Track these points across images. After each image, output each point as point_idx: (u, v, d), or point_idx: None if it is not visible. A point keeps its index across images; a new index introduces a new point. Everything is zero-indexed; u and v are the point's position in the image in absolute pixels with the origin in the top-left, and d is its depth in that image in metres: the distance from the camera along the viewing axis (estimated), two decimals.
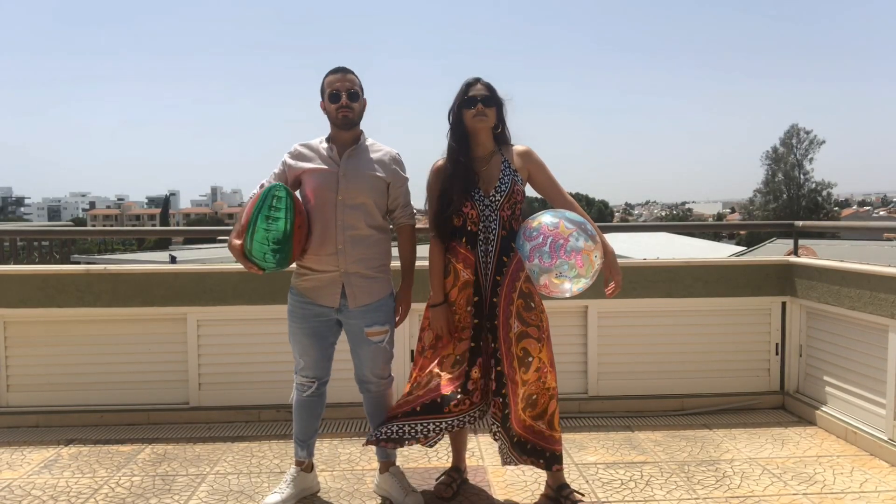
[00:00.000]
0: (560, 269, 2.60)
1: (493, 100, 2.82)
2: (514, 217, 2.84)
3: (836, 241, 18.47)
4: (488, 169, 2.84)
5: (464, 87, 2.83)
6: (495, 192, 2.80)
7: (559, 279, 2.62)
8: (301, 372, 2.89)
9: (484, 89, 2.81)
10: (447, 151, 2.88)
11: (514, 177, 2.83)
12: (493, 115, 2.82)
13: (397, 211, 2.89)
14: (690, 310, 4.16)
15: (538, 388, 2.78)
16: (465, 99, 2.81)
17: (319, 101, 2.82)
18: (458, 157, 2.82)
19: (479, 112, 2.78)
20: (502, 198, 2.80)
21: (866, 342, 3.57)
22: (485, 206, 2.80)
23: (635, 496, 2.98)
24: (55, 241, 29.50)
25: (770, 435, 3.73)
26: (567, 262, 2.59)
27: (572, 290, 2.67)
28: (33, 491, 3.07)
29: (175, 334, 4.00)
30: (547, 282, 2.65)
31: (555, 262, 2.60)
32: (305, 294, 2.81)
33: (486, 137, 2.86)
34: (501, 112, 2.87)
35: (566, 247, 2.60)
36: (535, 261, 2.65)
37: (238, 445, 3.61)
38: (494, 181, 2.82)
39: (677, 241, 21.92)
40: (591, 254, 2.63)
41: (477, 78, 2.85)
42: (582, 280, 2.64)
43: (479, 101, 2.78)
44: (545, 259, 2.61)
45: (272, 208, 2.56)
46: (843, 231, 17.53)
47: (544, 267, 2.62)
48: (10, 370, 3.98)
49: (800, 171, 54.06)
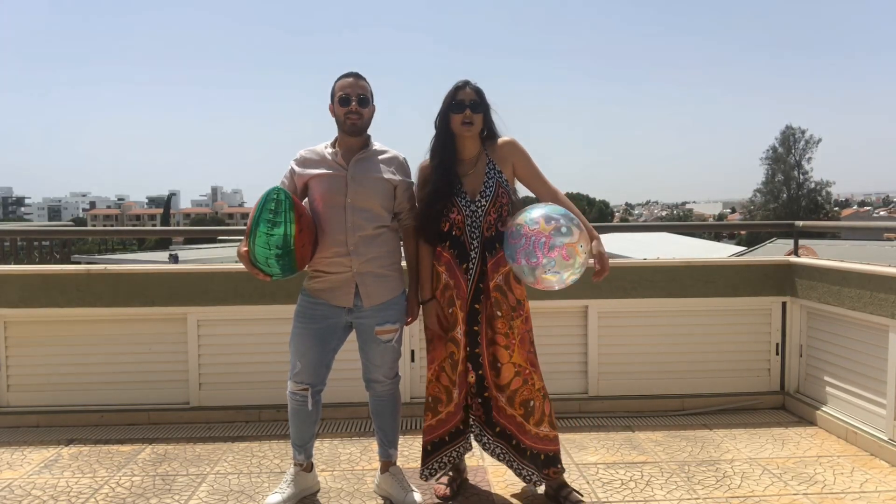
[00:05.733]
0: (547, 266, 2.59)
1: (481, 105, 2.79)
2: (501, 219, 2.84)
3: (837, 241, 18.47)
4: (474, 173, 2.83)
5: (452, 90, 2.80)
6: (481, 196, 2.80)
7: (548, 275, 2.62)
8: (295, 377, 2.85)
9: (473, 94, 2.78)
10: (430, 153, 2.87)
11: (499, 178, 2.82)
12: (480, 120, 2.80)
13: (403, 213, 2.90)
14: (691, 310, 4.16)
15: (530, 393, 2.83)
16: (453, 103, 2.78)
17: (329, 104, 2.82)
18: (443, 160, 2.81)
19: (466, 118, 2.76)
20: (488, 202, 2.80)
21: (867, 342, 3.56)
22: (471, 212, 2.80)
23: (635, 496, 2.98)
24: (55, 241, 29.55)
25: (770, 435, 3.73)
26: (552, 258, 2.58)
27: (564, 281, 2.65)
28: (33, 491, 3.07)
29: (175, 334, 4.00)
30: (537, 278, 2.64)
31: (541, 261, 2.58)
32: (319, 296, 2.80)
33: (472, 141, 2.85)
34: (489, 116, 2.85)
35: (549, 244, 2.58)
36: (521, 262, 2.64)
37: (238, 445, 3.62)
38: (480, 185, 2.81)
39: (677, 241, 21.92)
40: (574, 246, 2.61)
41: (466, 81, 2.82)
42: (569, 272, 2.63)
43: (467, 106, 2.76)
44: (531, 258, 2.60)
45: (271, 212, 2.54)
46: (843, 231, 17.54)
47: (531, 265, 2.61)
48: (10, 370, 3.98)
49: (799, 170, 54.12)
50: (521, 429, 2.84)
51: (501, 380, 2.82)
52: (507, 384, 2.81)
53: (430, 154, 2.88)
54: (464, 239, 2.82)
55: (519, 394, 2.82)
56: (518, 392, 2.81)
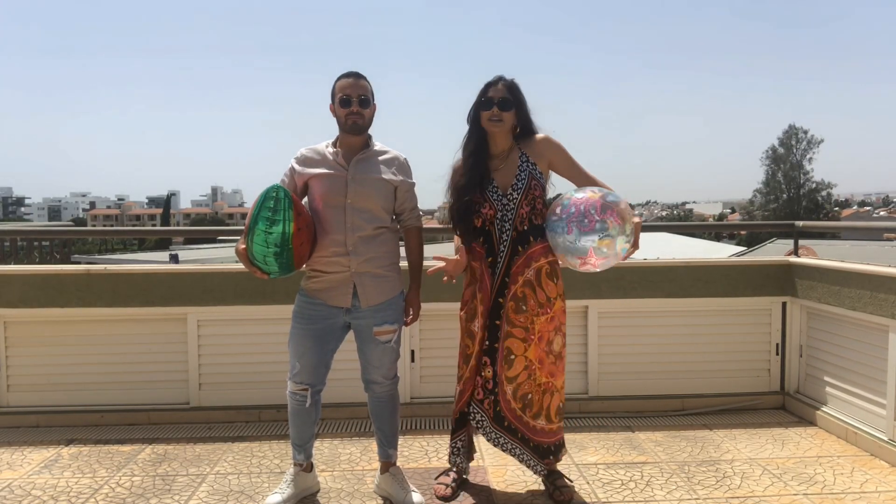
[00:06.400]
0: (601, 231, 2.59)
1: (511, 102, 2.79)
2: (535, 212, 2.83)
3: (837, 241, 18.47)
4: (506, 167, 2.84)
5: (484, 86, 2.82)
6: (512, 189, 2.80)
7: (603, 240, 2.60)
8: (295, 378, 2.85)
9: (504, 91, 2.79)
10: (462, 150, 2.89)
11: (532, 170, 2.82)
12: (510, 117, 2.80)
13: (405, 214, 2.90)
14: (691, 310, 4.16)
15: (530, 387, 2.84)
16: (483, 101, 2.81)
17: (329, 104, 2.82)
18: (473, 154, 2.83)
19: (494, 115, 2.78)
20: (520, 195, 2.80)
21: (867, 342, 3.56)
22: (502, 206, 2.81)
23: (635, 496, 2.98)
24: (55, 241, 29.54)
25: (770, 435, 3.72)
26: (605, 220, 2.59)
27: (617, 251, 2.65)
28: (33, 491, 3.07)
29: (175, 334, 4.00)
30: (588, 250, 2.62)
31: (594, 225, 2.59)
32: (316, 295, 2.80)
33: (503, 137, 2.86)
34: (524, 111, 2.84)
35: (602, 205, 2.61)
36: (573, 231, 2.62)
37: (238, 445, 3.61)
38: (511, 178, 2.82)
39: (677, 241, 21.88)
40: (624, 211, 2.64)
41: (499, 77, 2.83)
42: (623, 238, 2.63)
43: (495, 103, 2.78)
44: (582, 225, 2.60)
45: (270, 210, 2.54)
46: (843, 231, 17.54)
47: (583, 232, 2.60)
48: (10, 370, 3.98)
49: (799, 171, 54.08)
50: (521, 421, 2.86)
51: (511, 372, 2.82)
52: (514, 377, 2.83)
53: (462, 150, 2.89)
54: (493, 233, 2.83)
55: (521, 387, 2.83)
56: (521, 385, 2.83)
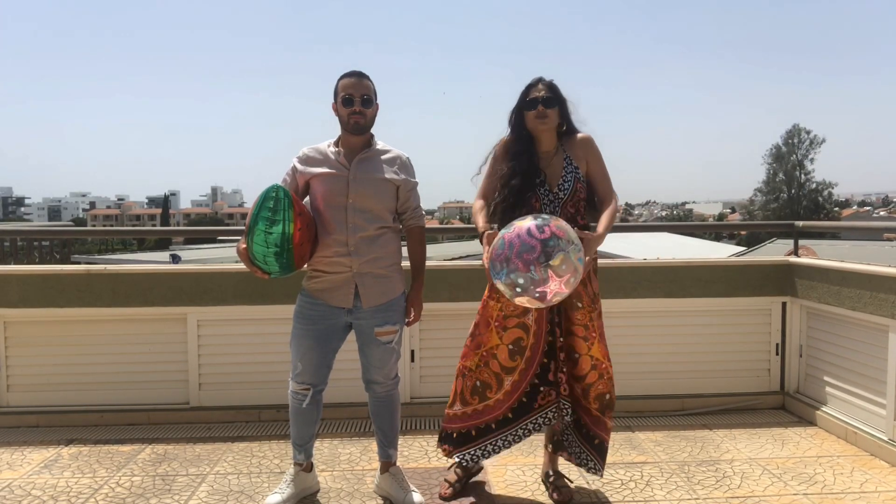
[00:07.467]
0: (553, 247, 2.36)
1: (554, 100, 2.81)
2: (580, 214, 2.84)
3: (837, 241, 18.45)
4: (552, 166, 2.84)
5: (525, 88, 2.84)
6: (559, 188, 2.81)
7: (555, 258, 2.35)
8: (297, 378, 2.85)
9: (545, 90, 2.81)
10: (507, 153, 2.85)
11: (577, 174, 2.83)
12: (554, 115, 2.82)
13: (407, 213, 2.89)
14: (691, 310, 4.16)
15: (606, 387, 2.86)
16: (527, 101, 2.82)
17: (332, 102, 2.82)
18: (524, 155, 2.82)
19: (539, 114, 2.79)
20: (566, 195, 2.81)
21: (866, 342, 3.57)
22: (549, 202, 2.81)
23: (635, 496, 2.98)
24: (55, 241, 29.51)
25: (770, 435, 3.72)
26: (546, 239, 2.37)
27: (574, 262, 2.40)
28: (33, 491, 3.07)
29: (175, 334, 4.00)
30: (549, 272, 2.36)
31: (538, 248, 2.36)
32: (317, 296, 2.80)
33: (549, 135, 2.86)
34: (565, 109, 2.86)
35: (535, 228, 2.41)
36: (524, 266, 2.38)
37: (238, 445, 3.61)
38: (558, 178, 2.82)
39: (677, 241, 21.89)
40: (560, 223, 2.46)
41: (539, 78, 2.85)
42: (573, 249, 2.40)
43: (540, 102, 2.79)
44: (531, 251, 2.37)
45: (270, 210, 2.54)
46: (843, 231, 17.52)
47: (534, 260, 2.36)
48: (10, 370, 3.98)
49: (801, 170, 54.09)
50: (597, 421, 2.86)
51: (578, 371, 2.84)
52: (583, 376, 2.83)
53: (509, 143, 2.88)
54: None
55: (594, 388, 2.84)
56: (594, 386, 2.84)
